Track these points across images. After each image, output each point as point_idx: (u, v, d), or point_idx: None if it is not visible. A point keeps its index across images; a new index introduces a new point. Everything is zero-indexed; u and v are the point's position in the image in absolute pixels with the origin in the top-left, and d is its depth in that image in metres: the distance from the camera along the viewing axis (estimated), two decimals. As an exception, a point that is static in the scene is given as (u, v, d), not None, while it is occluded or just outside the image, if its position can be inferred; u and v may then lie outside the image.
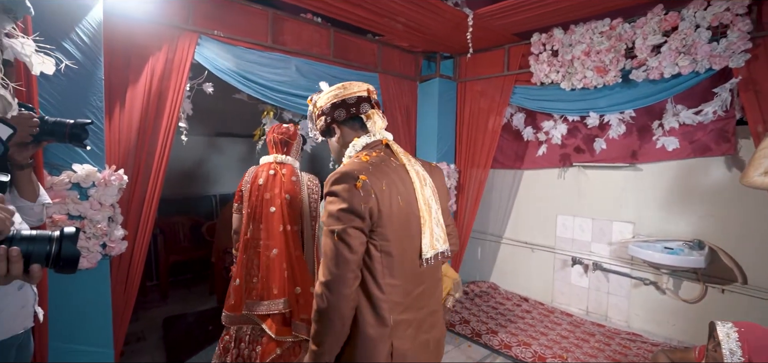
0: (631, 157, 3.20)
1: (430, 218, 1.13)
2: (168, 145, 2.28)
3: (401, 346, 1.09)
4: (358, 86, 1.22)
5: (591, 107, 2.94)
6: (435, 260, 1.16)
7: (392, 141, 1.19)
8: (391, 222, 1.06)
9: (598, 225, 3.51)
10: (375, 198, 1.03)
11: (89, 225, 1.83)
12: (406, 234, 1.10)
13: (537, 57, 3.12)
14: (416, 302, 1.14)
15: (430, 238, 1.13)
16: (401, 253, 1.09)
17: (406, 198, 1.11)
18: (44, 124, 1.33)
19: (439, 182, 1.26)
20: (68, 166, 1.80)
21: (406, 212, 1.10)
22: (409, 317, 1.12)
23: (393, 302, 1.08)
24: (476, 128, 3.64)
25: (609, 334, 3.12)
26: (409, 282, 1.11)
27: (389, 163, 1.12)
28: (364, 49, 3.31)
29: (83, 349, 1.94)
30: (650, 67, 2.53)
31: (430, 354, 1.19)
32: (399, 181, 1.11)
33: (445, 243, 1.19)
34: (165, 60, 2.25)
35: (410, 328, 1.12)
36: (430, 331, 1.18)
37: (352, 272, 1.02)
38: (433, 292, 1.20)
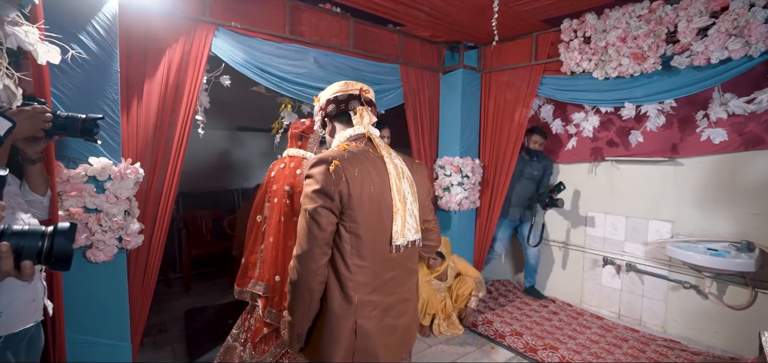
0: (670, 151, 2.97)
1: (404, 208, 1.21)
2: (185, 139, 2.26)
3: (365, 325, 1.17)
4: (352, 85, 1.31)
5: (627, 97, 2.73)
6: (406, 249, 1.24)
7: (377, 135, 1.28)
8: (362, 206, 1.14)
9: (632, 223, 3.29)
10: (346, 182, 1.12)
11: (105, 218, 1.82)
12: (376, 219, 1.18)
13: (567, 45, 2.93)
14: (385, 286, 1.22)
15: (401, 226, 1.20)
16: (370, 236, 1.17)
17: (379, 187, 1.19)
18: (56, 119, 1.31)
19: (420, 178, 1.34)
20: (85, 159, 1.80)
21: (377, 199, 1.18)
22: (375, 299, 1.20)
23: (359, 282, 1.16)
24: (501, 121, 3.48)
25: (644, 339, 2.92)
26: (378, 265, 1.20)
27: (367, 154, 1.21)
28: (384, 39, 3.21)
29: (101, 342, 1.95)
30: (695, 52, 2.31)
31: (397, 339, 1.26)
32: (374, 170, 1.19)
33: (417, 233, 1.26)
34: (182, 52, 2.22)
35: (376, 310, 1.20)
36: (398, 317, 1.26)
37: (319, 248, 1.12)
38: (405, 281, 1.28)
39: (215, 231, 4.47)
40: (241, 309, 2.28)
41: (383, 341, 1.21)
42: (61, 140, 1.73)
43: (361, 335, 1.16)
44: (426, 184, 1.37)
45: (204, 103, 2.48)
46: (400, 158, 1.30)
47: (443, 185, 3.51)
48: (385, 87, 3.20)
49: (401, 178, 1.23)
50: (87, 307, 1.89)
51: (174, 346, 2.95)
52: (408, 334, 1.31)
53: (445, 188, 3.51)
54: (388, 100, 3.24)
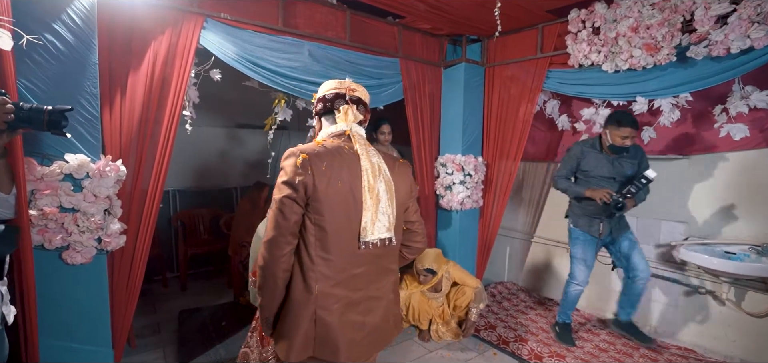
0: (685, 148, 2.81)
1: (375, 206, 1.21)
2: (172, 135, 2.17)
3: (326, 317, 1.18)
4: (340, 84, 1.33)
5: (638, 91, 2.58)
6: (378, 247, 1.24)
7: (359, 133, 1.29)
8: (328, 200, 1.16)
9: (642, 224, 3.13)
10: (311, 174, 1.14)
11: (82, 218, 1.73)
12: (344, 215, 1.19)
13: (575, 36, 2.78)
14: (352, 281, 1.23)
15: (370, 223, 1.20)
16: (336, 230, 1.18)
17: (348, 183, 1.19)
18: (20, 111, 1.21)
19: (401, 179, 1.32)
20: (60, 156, 1.71)
21: (346, 195, 1.19)
22: (339, 293, 1.21)
23: (321, 273, 1.18)
24: (506, 117, 3.34)
25: (656, 348, 2.76)
26: (343, 260, 1.21)
27: (341, 150, 1.22)
28: (383, 32, 3.08)
29: (80, 348, 1.86)
30: (713, 41, 2.15)
31: (364, 336, 1.25)
32: (346, 166, 1.20)
33: (390, 232, 1.25)
34: (168, 44, 2.12)
35: (339, 304, 1.20)
36: (366, 314, 1.26)
37: (283, 237, 1.15)
38: (376, 279, 1.28)
39: (212, 230, 4.39)
40: (235, 310, 2.20)
41: (346, 336, 1.21)
42: (34, 136, 1.64)
43: (320, 326, 1.19)
44: (407, 184, 1.35)
45: (192, 97, 2.38)
46: (381, 156, 1.29)
47: (445, 184, 3.38)
48: (384, 82, 3.08)
49: (376, 176, 1.22)
50: (64, 311, 1.81)
51: (165, 348, 2.86)
52: (379, 333, 1.29)
53: (446, 187, 3.38)
54: (387, 95, 3.11)
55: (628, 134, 2.46)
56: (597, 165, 2.63)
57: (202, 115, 4.32)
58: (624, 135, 2.47)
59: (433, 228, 3.58)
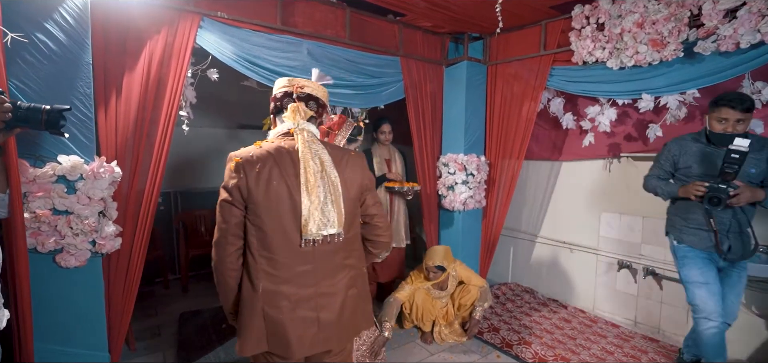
0: (693, 146, 2.73)
1: (316, 203, 1.21)
2: (168, 136, 2.14)
3: (275, 315, 1.22)
4: (290, 82, 1.33)
5: (644, 88, 2.52)
6: (328, 243, 1.26)
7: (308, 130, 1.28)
8: (265, 202, 1.19)
9: (650, 224, 3.06)
10: (244, 177, 1.17)
11: (76, 221, 1.70)
12: (282, 214, 1.21)
13: (579, 32, 2.72)
14: (299, 279, 1.24)
15: (311, 221, 1.20)
16: (275, 230, 1.20)
17: (286, 182, 1.21)
18: (17, 110, 1.19)
19: (352, 172, 1.32)
20: (53, 158, 1.68)
21: (283, 195, 1.20)
22: (287, 291, 1.23)
23: (265, 272, 1.21)
24: (508, 115, 3.28)
25: (665, 351, 2.70)
26: (288, 258, 1.22)
27: (281, 150, 1.23)
28: (383, 30, 3.04)
29: (75, 352, 1.84)
30: (722, 36, 2.09)
31: (316, 332, 1.26)
32: (283, 166, 1.21)
33: (337, 228, 1.24)
34: (164, 44, 2.10)
35: (287, 302, 1.23)
36: (318, 310, 1.26)
37: (225, 239, 1.21)
38: (328, 275, 1.28)
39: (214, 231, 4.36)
40: None
41: (296, 332, 1.23)
42: (27, 137, 1.62)
43: (270, 322, 1.23)
44: (359, 177, 1.33)
45: (189, 97, 2.35)
46: (329, 152, 1.28)
47: (447, 184, 3.33)
48: (384, 80, 3.04)
49: (317, 173, 1.22)
50: (59, 315, 1.78)
51: (165, 351, 2.83)
52: (335, 328, 1.30)
53: (448, 187, 3.33)
54: (388, 94, 3.07)
55: (727, 116, 1.93)
56: (698, 160, 2.09)
57: (203, 116, 4.32)
58: (722, 117, 1.95)
59: (435, 229, 3.53)
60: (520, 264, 4.01)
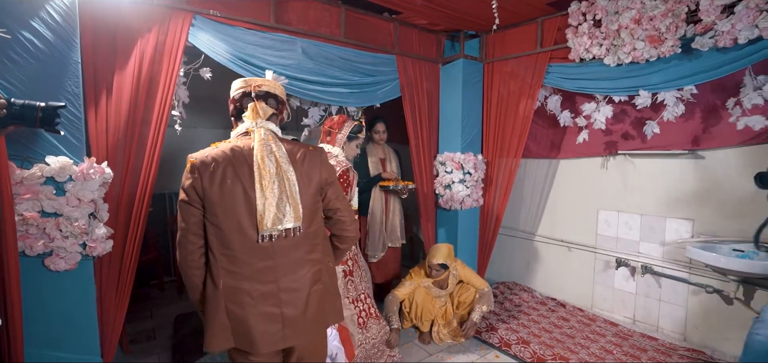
0: (690, 143, 2.72)
1: (270, 199, 1.22)
2: (161, 136, 2.11)
3: (237, 311, 1.24)
4: (246, 82, 1.36)
5: (642, 84, 2.50)
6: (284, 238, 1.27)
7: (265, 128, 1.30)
8: (219, 200, 1.22)
9: (647, 222, 3.05)
10: (199, 178, 1.21)
11: (65, 223, 1.67)
12: (238, 211, 1.23)
13: (576, 29, 2.71)
14: (260, 275, 1.26)
15: (266, 216, 1.22)
16: (232, 228, 1.23)
17: (241, 180, 1.23)
18: (11, 107, 1.15)
19: (312, 166, 1.33)
20: (41, 158, 1.64)
21: (237, 193, 1.23)
22: (248, 287, 1.25)
23: (225, 269, 1.24)
24: (505, 114, 3.26)
25: (664, 349, 2.69)
26: (247, 255, 1.24)
27: (236, 150, 1.26)
28: (379, 28, 3.02)
29: (67, 356, 1.80)
30: (719, 32, 2.07)
31: (281, 328, 1.27)
32: (237, 164, 1.24)
33: (293, 221, 1.25)
34: (155, 42, 2.06)
35: (249, 298, 1.24)
36: (281, 306, 1.27)
37: (185, 237, 1.24)
38: (288, 270, 1.29)
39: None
40: None
41: (259, 327, 1.25)
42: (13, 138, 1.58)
43: (233, 320, 1.25)
44: (317, 171, 1.35)
45: (182, 97, 2.32)
46: (286, 148, 1.31)
47: (444, 183, 3.31)
48: (380, 79, 3.01)
49: (272, 169, 1.24)
50: (50, 319, 1.75)
51: (160, 354, 2.80)
52: (298, 323, 1.31)
53: (446, 186, 3.31)
54: (384, 93, 3.05)
55: None
56: None
57: (198, 116, 4.28)
58: None
59: (432, 228, 3.50)
60: (517, 263, 3.99)
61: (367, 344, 2.46)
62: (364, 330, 2.47)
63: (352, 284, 2.47)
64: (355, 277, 2.48)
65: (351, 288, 2.46)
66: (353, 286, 2.47)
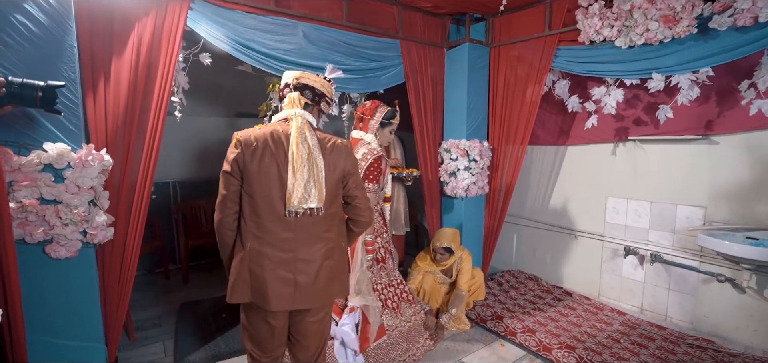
0: (704, 128, 2.64)
1: (301, 180, 1.38)
2: (160, 123, 2.07)
3: (258, 271, 1.42)
4: (290, 75, 1.55)
5: (655, 67, 2.41)
6: (308, 216, 1.43)
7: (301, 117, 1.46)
8: (256, 175, 1.39)
9: (657, 209, 2.98)
10: (242, 153, 1.38)
11: (65, 210, 1.65)
12: (271, 186, 1.40)
13: (586, 10, 2.61)
14: (281, 244, 1.43)
15: (293, 195, 1.38)
16: (263, 199, 1.40)
17: (277, 160, 1.40)
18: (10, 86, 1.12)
19: (337, 157, 1.48)
20: (39, 145, 1.62)
21: (272, 170, 1.40)
22: (270, 253, 1.42)
23: (253, 234, 1.42)
24: (512, 99, 3.19)
25: (673, 338, 2.64)
26: (273, 225, 1.42)
27: (275, 132, 1.43)
28: (382, 12, 2.94)
29: (70, 344, 1.80)
30: (739, 10, 1.98)
31: (292, 292, 1.44)
32: (275, 145, 1.41)
33: (317, 202, 1.41)
34: (153, 27, 2.02)
35: (269, 262, 1.42)
36: (296, 273, 1.44)
37: (223, 204, 1.42)
38: (306, 244, 1.46)
39: (214, 221, 4.32)
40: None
41: (274, 289, 1.42)
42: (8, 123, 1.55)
43: (253, 277, 1.42)
44: (342, 161, 1.49)
45: (182, 83, 2.28)
46: (318, 137, 1.46)
47: (449, 170, 3.25)
48: (383, 64, 2.94)
49: (303, 155, 1.39)
50: (52, 306, 1.74)
51: (165, 342, 2.81)
52: (309, 291, 1.47)
53: (450, 173, 3.26)
54: (387, 79, 2.98)
55: None
56: None
57: (202, 104, 4.25)
58: None
59: (437, 216, 3.46)
60: (524, 251, 3.95)
61: (402, 327, 2.44)
62: (397, 313, 2.45)
63: (385, 271, 2.45)
64: (388, 264, 2.47)
65: (383, 275, 2.45)
66: (386, 273, 2.46)
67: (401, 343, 2.42)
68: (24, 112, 1.55)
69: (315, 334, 1.59)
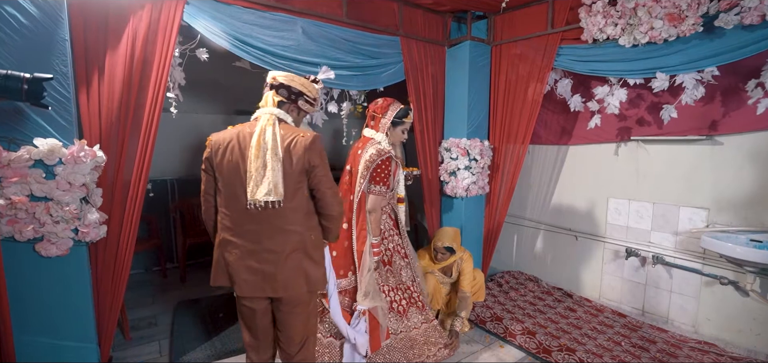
0: (708, 129, 2.60)
1: (260, 174, 1.45)
2: (156, 119, 2.03)
3: (228, 258, 1.55)
4: (272, 75, 1.64)
5: (659, 66, 2.37)
6: (269, 209, 1.49)
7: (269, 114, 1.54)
8: (223, 171, 1.52)
9: (660, 210, 2.95)
10: (211, 151, 1.54)
11: (56, 207, 1.61)
12: (235, 181, 1.51)
13: (589, 8, 2.57)
14: (247, 234, 1.53)
15: (253, 188, 1.46)
16: (230, 193, 1.53)
17: (241, 155, 1.50)
18: None
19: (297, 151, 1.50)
20: (29, 140, 1.58)
21: (236, 166, 1.50)
22: (238, 242, 1.53)
23: (223, 225, 1.55)
24: (513, 98, 3.15)
25: (674, 341, 2.61)
26: (238, 216, 1.52)
27: (243, 131, 1.53)
28: (382, 8, 2.90)
29: (62, 344, 1.76)
30: (746, 8, 1.94)
31: (258, 279, 1.54)
32: (240, 143, 1.51)
33: (275, 196, 1.46)
34: (149, 21, 1.98)
35: (237, 250, 1.53)
36: (261, 262, 1.53)
37: (204, 196, 1.61)
38: (271, 235, 1.53)
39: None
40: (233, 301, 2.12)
41: (242, 276, 1.54)
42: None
43: (227, 265, 1.56)
44: (303, 156, 1.51)
45: (178, 79, 2.24)
46: (281, 133, 1.51)
47: (449, 169, 3.21)
48: (383, 62, 2.90)
49: (266, 150, 1.46)
50: (43, 306, 1.71)
51: (161, 341, 2.78)
52: (272, 279, 1.54)
53: (451, 173, 3.22)
54: (388, 76, 2.94)
55: None
56: None
57: (200, 101, 4.21)
58: None
59: (437, 215, 3.43)
60: (524, 251, 3.92)
61: (408, 333, 2.37)
62: (403, 318, 2.38)
63: (391, 273, 2.38)
64: (395, 266, 2.40)
65: (390, 277, 2.38)
66: (392, 275, 2.39)
67: (406, 350, 2.34)
68: (13, 106, 1.51)
69: (294, 327, 1.64)
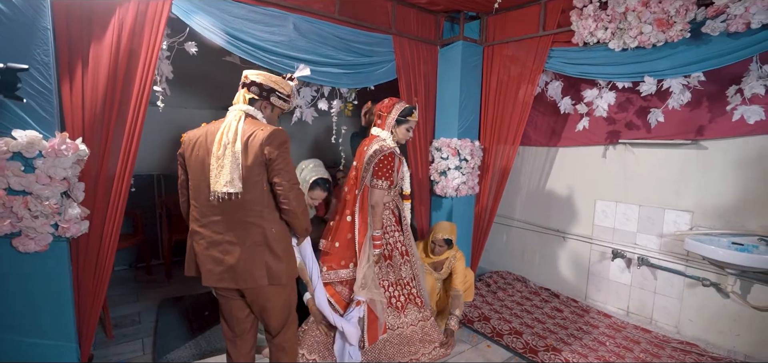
0: (694, 133, 2.65)
1: (219, 168, 1.52)
2: (141, 112, 1.99)
3: (196, 248, 1.64)
4: (246, 73, 1.69)
5: (647, 70, 2.41)
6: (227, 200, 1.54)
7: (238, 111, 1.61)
8: (191, 164, 1.63)
9: (646, 213, 2.99)
10: (183, 147, 1.67)
11: (34, 202, 1.56)
12: (200, 174, 1.60)
13: (580, 11, 2.59)
14: (211, 226, 1.60)
15: (214, 181, 1.53)
16: (196, 185, 1.62)
17: (207, 150, 1.57)
18: None
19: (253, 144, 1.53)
20: (7, 132, 1.52)
21: (200, 159, 1.59)
22: (203, 232, 1.61)
23: (193, 216, 1.65)
24: (504, 99, 3.16)
25: (658, 341, 2.65)
26: (204, 208, 1.60)
27: (212, 128, 1.61)
28: (375, 7, 2.88)
29: (40, 343, 1.71)
30: (732, 15, 1.98)
31: (221, 270, 1.59)
32: (207, 139, 1.58)
33: (233, 188, 1.51)
34: (136, 12, 1.93)
35: (203, 240, 1.61)
36: (223, 254, 1.59)
37: (180, 190, 1.74)
38: (233, 227, 1.58)
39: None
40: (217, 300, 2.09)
41: (206, 266, 1.61)
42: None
43: (195, 255, 1.64)
44: (258, 149, 1.52)
45: (165, 72, 2.19)
46: (245, 127, 1.55)
47: (439, 169, 3.21)
48: (375, 60, 2.89)
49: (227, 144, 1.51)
50: (19, 303, 1.65)
51: (144, 339, 2.72)
52: (233, 271, 1.58)
53: (441, 172, 3.22)
54: (380, 75, 2.93)
55: None
56: None
57: (188, 96, 4.13)
58: None
59: (426, 214, 3.43)
60: (512, 252, 3.95)
61: (404, 329, 2.40)
62: (401, 314, 2.41)
63: (391, 268, 2.41)
64: (395, 262, 2.43)
65: (390, 272, 2.41)
66: (392, 271, 2.42)
67: (401, 346, 2.37)
68: (-9, 96, 1.45)
69: (270, 314, 1.71)
